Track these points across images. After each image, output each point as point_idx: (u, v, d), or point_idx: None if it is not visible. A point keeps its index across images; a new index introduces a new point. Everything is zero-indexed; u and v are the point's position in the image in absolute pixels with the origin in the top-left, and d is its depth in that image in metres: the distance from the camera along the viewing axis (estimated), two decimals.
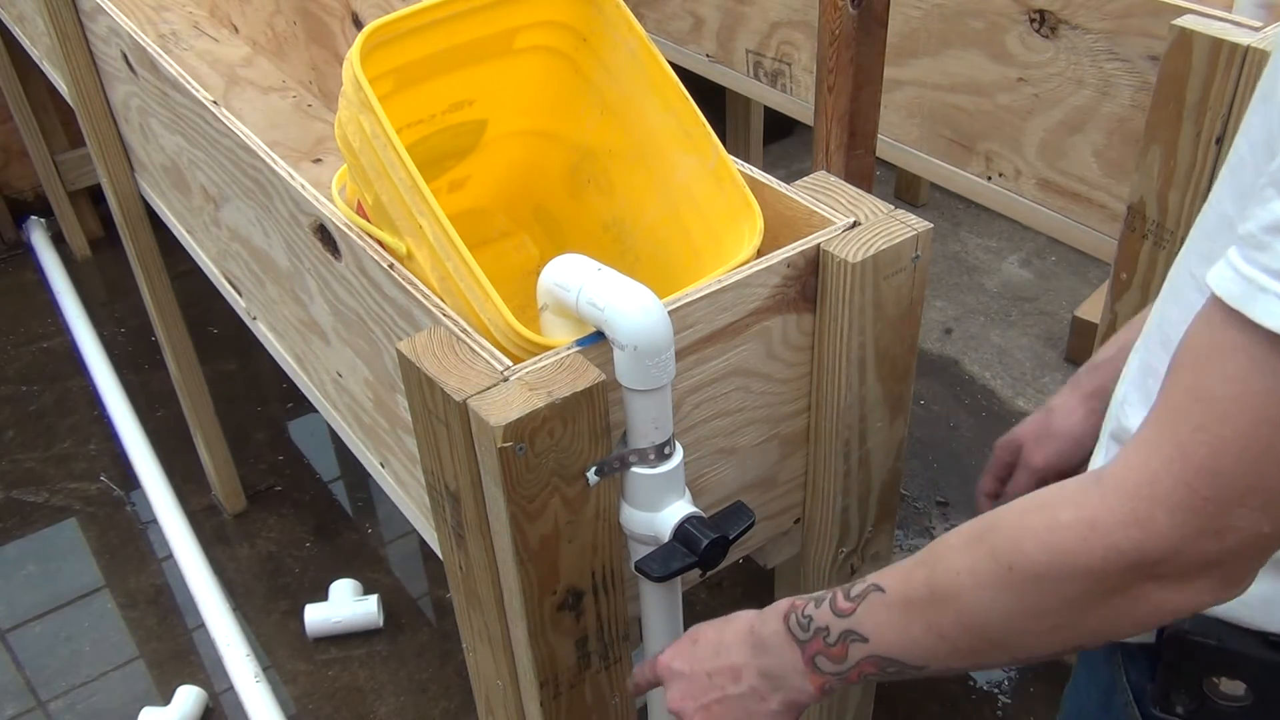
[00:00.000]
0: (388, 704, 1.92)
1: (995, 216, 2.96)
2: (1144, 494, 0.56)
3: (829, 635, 0.72)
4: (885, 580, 0.70)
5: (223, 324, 2.76)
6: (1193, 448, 0.54)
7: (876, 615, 0.69)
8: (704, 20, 2.09)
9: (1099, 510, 0.57)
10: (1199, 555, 0.56)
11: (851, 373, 0.94)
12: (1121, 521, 0.56)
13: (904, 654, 0.69)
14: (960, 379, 2.54)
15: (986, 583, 0.63)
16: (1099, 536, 0.57)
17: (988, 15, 1.54)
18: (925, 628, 0.67)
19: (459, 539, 0.89)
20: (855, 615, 0.70)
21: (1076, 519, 0.58)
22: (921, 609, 0.67)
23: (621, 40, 1.01)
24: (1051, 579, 0.60)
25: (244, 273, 1.43)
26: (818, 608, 0.73)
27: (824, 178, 0.99)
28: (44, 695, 1.97)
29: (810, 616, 0.74)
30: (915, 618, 0.67)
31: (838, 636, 0.71)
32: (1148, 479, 0.56)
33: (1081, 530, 0.58)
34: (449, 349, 0.84)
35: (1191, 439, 0.55)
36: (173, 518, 2.20)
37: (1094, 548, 0.57)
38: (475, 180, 1.17)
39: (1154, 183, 1.33)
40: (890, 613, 0.69)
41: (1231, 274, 0.54)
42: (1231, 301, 0.53)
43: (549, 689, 0.91)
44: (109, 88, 1.74)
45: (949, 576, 0.65)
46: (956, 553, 0.65)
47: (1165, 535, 0.56)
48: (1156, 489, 0.56)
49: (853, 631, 0.71)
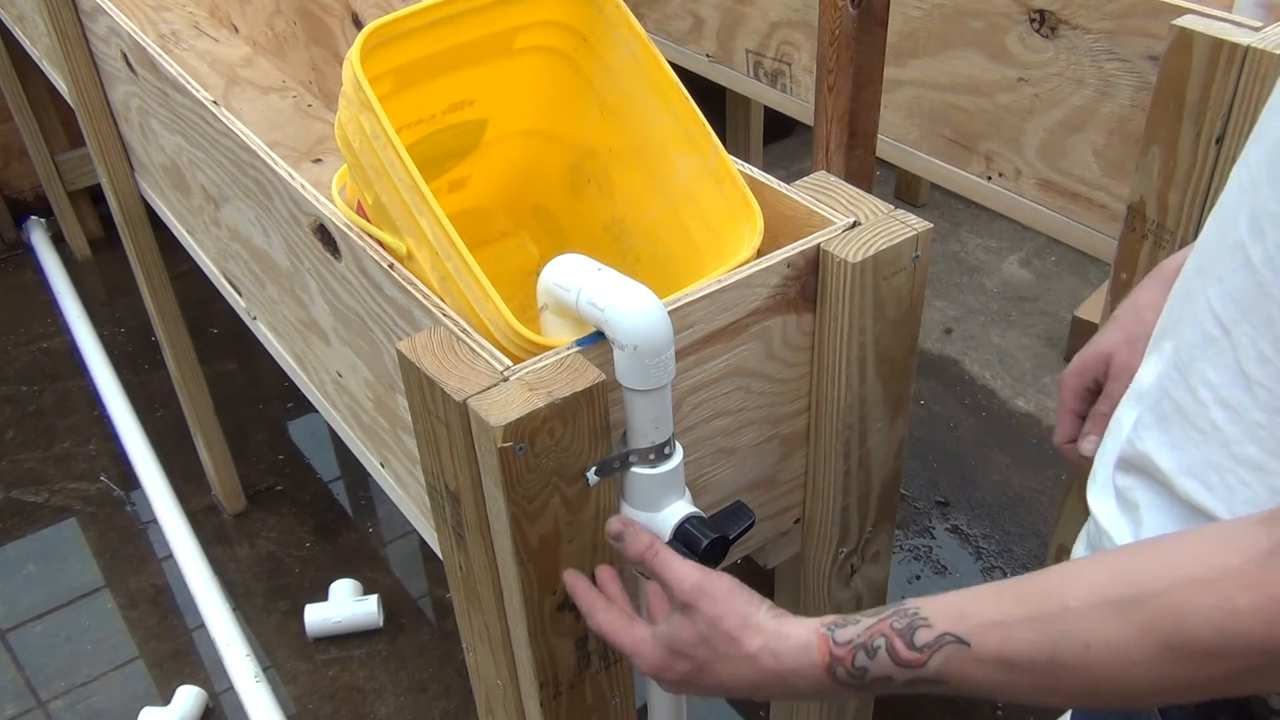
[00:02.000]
0: (388, 704, 1.92)
1: (995, 216, 2.96)
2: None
3: (890, 684, 0.65)
4: (968, 633, 0.62)
5: (223, 324, 2.76)
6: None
7: (962, 670, 0.62)
8: (704, 20, 2.09)
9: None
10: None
11: (851, 373, 0.94)
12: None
13: (994, 696, 0.63)
14: (960, 379, 2.54)
15: (1134, 661, 0.56)
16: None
17: (988, 15, 1.54)
18: (1036, 689, 0.60)
19: (459, 539, 0.89)
20: (929, 668, 0.63)
21: (1259, 603, 0.53)
22: (1028, 678, 0.60)
23: (621, 40, 1.01)
24: (1222, 658, 0.55)
25: (244, 273, 1.43)
26: (871, 659, 0.65)
27: (824, 178, 0.99)
28: (44, 695, 1.97)
29: (863, 669, 0.66)
30: (1019, 680, 0.60)
31: (905, 682, 0.65)
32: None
33: (1266, 614, 0.53)
34: (449, 349, 0.84)
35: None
36: (173, 518, 2.20)
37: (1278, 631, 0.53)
38: (475, 180, 1.17)
39: (1154, 183, 1.33)
40: (983, 669, 0.61)
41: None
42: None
43: (549, 689, 0.91)
44: (109, 88, 1.74)
45: (1078, 649, 0.58)
46: (1090, 623, 0.58)
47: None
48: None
49: (926, 680, 0.64)
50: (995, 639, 0.60)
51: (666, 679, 0.77)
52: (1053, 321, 2.69)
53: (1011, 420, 2.42)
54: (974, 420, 2.42)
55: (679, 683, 0.77)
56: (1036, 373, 2.54)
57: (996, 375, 2.54)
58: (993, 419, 2.42)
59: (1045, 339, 2.64)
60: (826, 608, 1.12)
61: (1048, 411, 2.43)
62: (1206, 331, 0.65)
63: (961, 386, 2.52)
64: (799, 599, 1.13)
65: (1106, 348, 0.87)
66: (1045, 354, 2.59)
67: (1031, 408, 2.45)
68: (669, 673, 0.77)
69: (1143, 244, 1.38)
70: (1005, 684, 0.61)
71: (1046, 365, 2.56)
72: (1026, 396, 2.48)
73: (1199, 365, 0.65)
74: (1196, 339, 0.66)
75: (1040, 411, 2.43)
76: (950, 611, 0.63)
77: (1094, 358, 0.88)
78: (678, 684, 0.77)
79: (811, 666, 0.68)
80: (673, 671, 0.76)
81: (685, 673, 0.75)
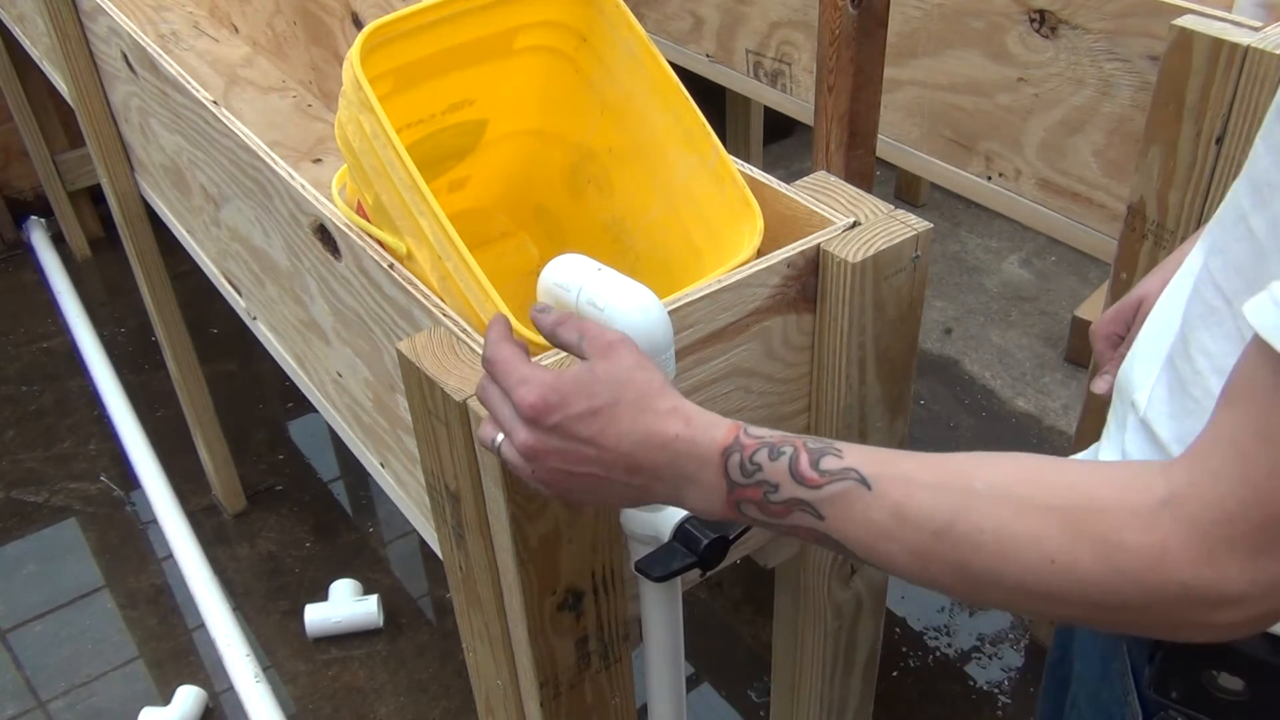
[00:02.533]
0: (388, 704, 1.92)
1: (995, 216, 2.96)
2: (1220, 534, 0.53)
3: (775, 493, 0.63)
4: (875, 476, 0.61)
5: (223, 324, 2.76)
6: (1269, 493, 0.52)
7: (849, 508, 0.61)
8: (704, 20, 2.09)
9: (1170, 542, 0.54)
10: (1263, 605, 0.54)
11: (851, 373, 0.94)
12: (1193, 560, 0.54)
13: (861, 551, 0.62)
14: (960, 379, 2.54)
15: (1017, 559, 0.57)
16: (1168, 569, 0.54)
17: (988, 15, 1.54)
18: (909, 550, 0.60)
19: (459, 539, 0.89)
20: (821, 492, 0.62)
21: (1143, 545, 0.55)
22: (914, 535, 0.60)
23: (621, 40, 1.01)
24: (1097, 585, 0.56)
25: (244, 273, 1.43)
26: (771, 460, 0.63)
27: (824, 178, 0.99)
28: (44, 695, 1.97)
29: (759, 465, 0.64)
30: (901, 536, 0.60)
31: (787, 500, 0.63)
32: (1224, 519, 0.53)
33: (1148, 559, 0.54)
34: (449, 349, 0.84)
35: (1267, 484, 0.52)
36: (173, 518, 2.20)
37: (1159, 579, 0.55)
38: (475, 180, 1.17)
39: (1154, 183, 1.33)
40: (870, 515, 0.61)
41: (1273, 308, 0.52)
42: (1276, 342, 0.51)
43: (549, 689, 0.91)
44: (109, 88, 1.74)
45: (970, 528, 0.58)
46: (990, 510, 0.58)
47: (1236, 581, 0.53)
48: (1233, 532, 0.53)
49: (810, 506, 0.62)
50: (898, 490, 0.60)
51: (544, 427, 0.66)
52: (1053, 321, 2.69)
53: (1011, 420, 2.42)
54: (974, 420, 2.42)
55: (552, 447, 0.66)
56: (1036, 373, 2.54)
57: (996, 375, 2.54)
58: (993, 419, 2.42)
59: (1045, 339, 2.64)
60: (827, 608, 1.12)
61: (1048, 411, 2.43)
62: (1208, 302, 0.65)
63: (961, 386, 2.52)
64: (799, 599, 1.13)
65: (1140, 293, 0.88)
66: (1045, 354, 2.59)
67: (1031, 408, 2.45)
68: (552, 414, 0.66)
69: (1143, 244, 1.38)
70: (885, 537, 0.61)
71: (1046, 365, 2.56)
72: (1026, 396, 2.48)
73: (1199, 334, 0.65)
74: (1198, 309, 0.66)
75: (1040, 411, 2.43)
76: (866, 455, 0.62)
77: (1128, 304, 0.89)
78: (550, 450, 0.67)
79: (710, 445, 0.65)
80: (560, 413, 0.66)
81: (576, 416, 0.66)
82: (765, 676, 1.89)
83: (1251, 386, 0.54)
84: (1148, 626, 0.58)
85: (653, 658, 0.95)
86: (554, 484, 0.68)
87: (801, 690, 1.21)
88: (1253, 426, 0.53)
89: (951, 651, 1.95)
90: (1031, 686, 1.89)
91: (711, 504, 0.67)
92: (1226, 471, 0.54)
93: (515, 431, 0.67)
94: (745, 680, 1.92)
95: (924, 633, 1.99)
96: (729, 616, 2.02)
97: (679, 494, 0.67)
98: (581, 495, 0.69)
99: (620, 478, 0.67)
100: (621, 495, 0.68)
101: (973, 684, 1.89)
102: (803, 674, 1.19)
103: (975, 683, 1.90)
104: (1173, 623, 0.57)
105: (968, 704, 1.86)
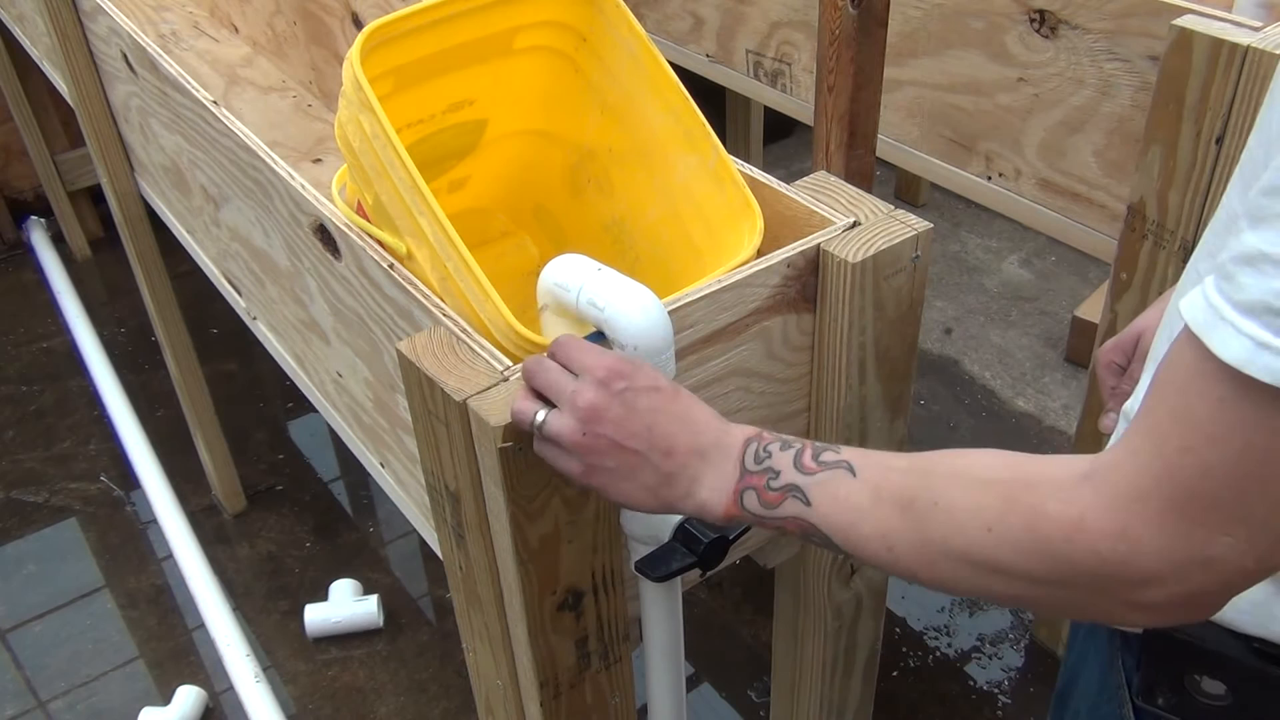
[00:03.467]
0: (388, 704, 1.92)
1: (995, 216, 2.96)
2: (1134, 510, 0.56)
3: (775, 479, 0.69)
4: (860, 465, 0.68)
5: (223, 324, 2.76)
6: (1180, 469, 0.54)
7: (835, 490, 0.67)
8: (704, 20, 2.09)
9: (1087, 513, 0.57)
10: (1182, 585, 0.56)
11: (851, 373, 0.94)
12: (1108, 533, 0.56)
13: (840, 538, 0.67)
14: (960, 379, 2.54)
15: (961, 529, 0.62)
16: (1085, 539, 0.57)
17: (988, 15, 1.54)
18: (879, 530, 0.65)
19: (459, 539, 0.89)
20: (814, 478, 0.68)
21: (1063, 514, 0.58)
22: (886, 512, 0.65)
23: (621, 40, 1.01)
24: (1026, 556, 0.59)
25: (244, 273, 1.43)
26: (781, 451, 0.70)
27: (824, 178, 0.99)
28: (44, 695, 1.97)
29: (769, 453, 0.71)
30: (874, 516, 0.66)
31: (782, 486, 0.69)
32: (1138, 494, 0.56)
33: (1067, 527, 0.57)
34: (449, 349, 0.84)
35: (1178, 460, 0.54)
36: (173, 518, 2.20)
37: (1077, 548, 0.57)
38: (475, 180, 1.17)
39: (1154, 183, 1.33)
40: (851, 497, 0.67)
41: (1201, 301, 0.54)
42: (1195, 329, 0.53)
43: (549, 689, 0.91)
44: (109, 88, 1.74)
45: (926, 504, 0.64)
46: (946, 485, 0.64)
47: (1150, 557, 0.55)
48: (1147, 507, 0.55)
49: (800, 490, 0.68)
50: (877, 475, 0.67)
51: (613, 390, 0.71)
52: (1052, 321, 2.69)
53: (1011, 420, 2.42)
54: (974, 420, 2.42)
55: (614, 414, 0.71)
56: (1036, 373, 2.54)
57: (996, 375, 2.54)
58: (993, 419, 2.42)
59: (1045, 339, 2.64)
60: (827, 608, 1.12)
61: (1048, 411, 2.43)
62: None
63: (961, 386, 2.52)
64: (799, 599, 1.13)
65: (1139, 327, 0.92)
66: (1045, 354, 2.59)
67: (1031, 408, 2.45)
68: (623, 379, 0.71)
69: (1143, 244, 1.38)
70: (861, 519, 0.66)
71: (1046, 365, 2.56)
72: (1026, 396, 2.48)
73: None
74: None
75: (1040, 411, 2.43)
76: (859, 452, 0.69)
77: (1128, 336, 0.92)
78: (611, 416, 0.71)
79: (738, 435, 0.72)
80: (628, 381, 0.71)
81: (642, 388, 0.72)
82: (765, 676, 1.89)
83: (1173, 371, 0.56)
84: (1079, 606, 0.61)
85: (653, 658, 0.95)
86: (595, 453, 0.72)
87: (801, 690, 1.21)
88: (1169, 406, 0.56)
89: (951, 651, 1.95)
90: (1032, 687, 1.89)
91: (719, 494, 0.71)
92: (1144, 446, 0.56)
93: (581, 393, 0.71)
94: (745, 680, 1.92)
95: (924, 633, 1.99)
96: (729, 616, 2.02)
97: (694, 485, 0.72)
98: (610, 478, 0.72)
99: (655, 460, 0.71)
100: (643, 484, 0.72)
101: (973, 684, 1.89)
102: (803, 674, 1.19)
103: (975, 683, 1.90)
104: (1099, 602, 0.59)
105: (968, 704, 1.86)
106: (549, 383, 0.74)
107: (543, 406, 0.74)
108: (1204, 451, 0.53)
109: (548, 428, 0.73)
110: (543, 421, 0.73)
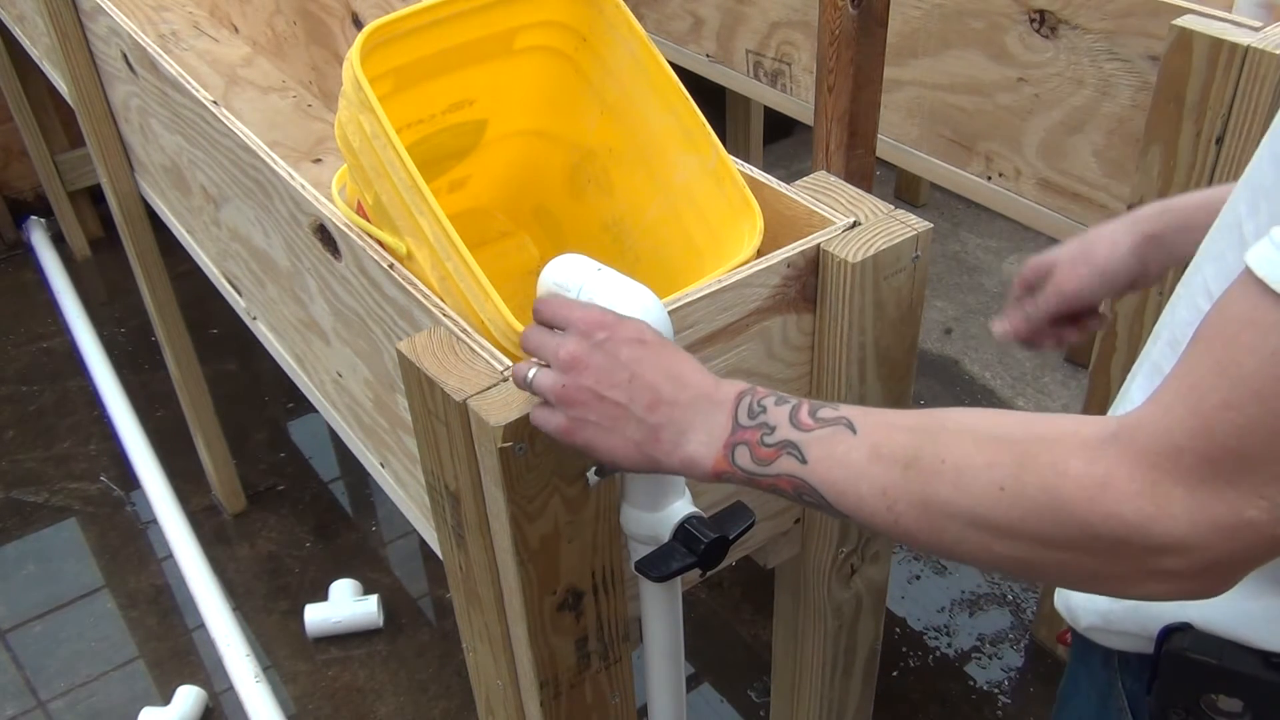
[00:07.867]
0: (388, 704, 1.92)
1: (995, 216, 2.96)
2: (1164, 468, 0.53)
3: (769, 435, 0.67)
4: (861, 422, 0.65)
5: (223, 324, 2.76)
6: (1219, 425, 0.51)
7: (833, 449, 0.64)
8: (704, 20, 2.09)
9: (1114, 472, 0.54)
10: (1205, 553, 0.53)
11: (851, 373, 0.94)
12: (1135, 492, 0.53)
13: (835, 496, 0.65)
14: (960, 379, 2.54)
15: (969, 488, 0.59)
16: (1109, 500, 0.54)
17: (988, 15, 1.54)
18: (879, 489, 0.62)
19: (459, 539, 0.89)
20: (811, 434, 0.65)
21: (1087, 474, 0.54)
22: (886, 471, 0.62)
23: (621, 40, 1.01)
24: (1039, 517, 0.56)
25: (244, 273, 1.43)
26: (776, 405, 0.68)
27: (824, 178, 0.99)
28: (44, 695, 1.97)
29: (764, 408, 0.68)
30: (874, 475, 0.63)
31: (777, 442, 0.66)
32: (1171, 451, 0.52)
33: (1090, 488, 0.54)
34: (449, 349, 0.84)
35: (1218, 416, 0.51)
36: (173, 518, 2.20)
37: (1098, 510, 0.54)
38: (475, 180, 1.17)
39: (1154, 183, 1.33)
40: (850, 455, 0.64)
41: (1273, 253, 0.51)
42: (1272, 282, 0.51)
43: (549, 689, 0.91)
44: (109, 88, 1.74)
45: (933, 462, 0.60)
46: (953, 444, 0.60)
47: (1178, 519, 0.52)
48: (1179, 465, 0.52)
49: (796, 447, 0.66)
50: (879, 433, 0.64)
51: (594, 340, 0.71)
52: None
53: None
54: None
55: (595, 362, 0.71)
56: (1036, 373, 2.54)
57: (996, 375, 2.55)
58: None
59: None
60: (827, 608, 1.12)
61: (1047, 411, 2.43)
62: (1200, 307, 0.65)
63: (961, 386, 2.52)
64: (799, 599, 1.13)
65: (1054, 258, 0.92)
66: (1045, 354, 2.59)
67: (1031, 408, 2.45)
68: (604, 330, 0.71)
69: None
70: (860, 477, 0.63)
71: (1046, 365, 2.56)
72: (1026, 396, 2.48)
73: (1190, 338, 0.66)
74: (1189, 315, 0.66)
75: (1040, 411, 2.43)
76: (859, 409, 0.67)
77: (1044, 262, 0.93)
78: (591, 365, 0.71)
79: (729, 390, 0.70)
80: (609, 332, 0.71)
81: (624, 339, 0.71)
82: (765, 676, 1.89)
83: (1222, 321, 0.53)
84: (1090, 573, 0.57)
85: (653, 658, 0.95)
86: (577, 405, 0.71)
87: (801, 690, 1.21)
88: (1213, 359, 0.53)
89: (951, 651, 1.95)
90: (1031, 687, 1.89)
91: (708, 449, 0.69)
92: (1178, 403, 0.53)
93: (563, 345, 0.71)
94: (745, 680, 1.92)
95: (924, 633, 1.99)
96: (729, 616, 2.02)
97: (681, 439, 0.69)
98: (594, 432, 0.71)
99: (639, 413, 0.69)
100: (628, 437, 0.70)
101: (973, 684, 1.89)
102: (803, 674, 1.19)
103: (975, 683, 1.90)
104: (1113, 568, 0.56)
105: (968, 704, 1.86)
106: (539, 342, 0.74)
107: (537, 366, 0.74)
108: (1248, 407, 0.50)
109: (535, 386, 0.73)
110: (532, 378, 0.73)
